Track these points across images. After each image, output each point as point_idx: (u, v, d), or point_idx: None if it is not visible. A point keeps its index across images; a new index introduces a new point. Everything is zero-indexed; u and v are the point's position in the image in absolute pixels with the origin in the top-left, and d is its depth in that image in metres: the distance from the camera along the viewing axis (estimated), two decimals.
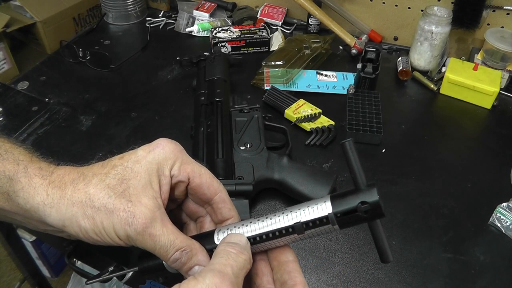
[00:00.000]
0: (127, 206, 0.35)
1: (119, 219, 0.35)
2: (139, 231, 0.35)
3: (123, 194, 0.36)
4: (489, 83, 0.87)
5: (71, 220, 0.36)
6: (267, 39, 1.04)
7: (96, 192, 0.36)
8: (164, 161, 0.38)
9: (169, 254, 0.37)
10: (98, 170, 0.38)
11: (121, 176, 0.37)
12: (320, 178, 0.66)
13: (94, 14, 1.13)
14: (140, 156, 0.38)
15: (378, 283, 0.58)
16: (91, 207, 0.35)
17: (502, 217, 0.65)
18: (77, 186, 0.36)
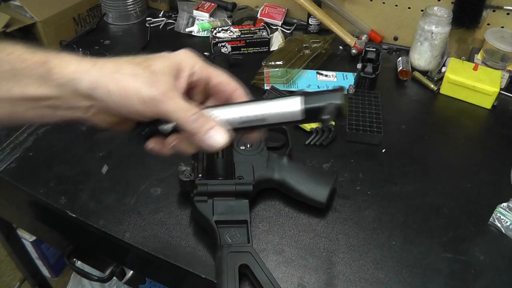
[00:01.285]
0: (152, 74, 0.39)
1: (144, 81, 0.39)
2: (162, 92, 0.39)
3: (148, 68, 0.40)
4: (489, 83, 0.87)
5: (99, 83, 0.38)
6: (267, 39, 1.04)
7: (124, 64, 0.40)
8: (186, 59, 0.43)
9: (189, 114, 0.40)
10: (130, 58, 0.41)
11: (147, 59, 0.41)
12: (320, 178, 0.66)
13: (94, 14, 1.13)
14: (164, 53, 0.42)
15: (378, 283, 0.58)
16: (119, 72, 0.39)
17: (502, 217, 0.65)
18: (107, 61, 0.40)
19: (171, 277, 0.68)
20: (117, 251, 0.70)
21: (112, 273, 0.78)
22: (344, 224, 0.65)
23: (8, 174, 0.71)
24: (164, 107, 0.39)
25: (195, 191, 0.61)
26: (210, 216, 0.60)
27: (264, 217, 0.66)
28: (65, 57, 0.40)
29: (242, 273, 0.56)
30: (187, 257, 0.60)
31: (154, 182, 0.70)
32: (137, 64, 0.40)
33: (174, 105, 0.39)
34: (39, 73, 0.39)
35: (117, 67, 0.39)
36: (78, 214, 0.65)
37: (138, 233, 0.63)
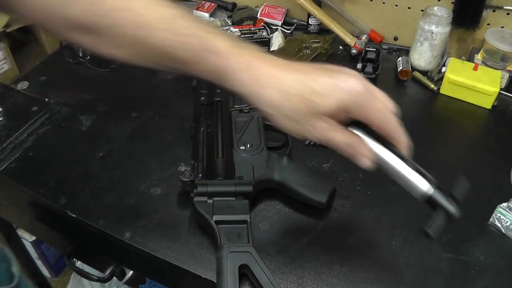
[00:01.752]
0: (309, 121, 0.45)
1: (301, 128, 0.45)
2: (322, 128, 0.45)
3: (306, 114, 0.44)
4: (489, 83, 0.87)
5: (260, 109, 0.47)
6: (267, 39, 1.04)
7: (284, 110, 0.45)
8: (345, 100, 0.44)
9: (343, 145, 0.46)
10: (292, 84, 0.44)
11: (307, 100, 0.44)
12: (320, 178, 0.67)
13: None
14: (327, 86, 0.44)
15: (378, 283, 0.58)
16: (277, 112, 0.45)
17: (502, 217, 0.65)
18: (271, 95, 0.45)
19: (171, 277, 0.68)
20: (117, 251, 0.70)
21: (112, 273, 0.78)
22: (344, 224, 0.65)
23: (8, 174, 0.71)
24: (328, 140, 0.46)
25: (195, 191, 0.61)
26: (210, 216, 0.60)
27: (264, 217, 0.66)
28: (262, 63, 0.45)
29: (242, 273, 0.56)
30: (187, 257, 0.60)
31: (154, 182, 0.70)
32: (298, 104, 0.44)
33: (334, 136, 0.45)
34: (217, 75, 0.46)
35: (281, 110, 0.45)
36: (78, 214, 0.65)
37: (138, 233, 0.63)
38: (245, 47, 0.46)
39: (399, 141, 0.48)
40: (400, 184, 0.49)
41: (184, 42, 0.44)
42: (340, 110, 0.44)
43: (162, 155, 0.75)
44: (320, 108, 0.43)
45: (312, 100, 0.43)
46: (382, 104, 0.47)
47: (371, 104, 0.45)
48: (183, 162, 0.65)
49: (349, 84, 0.44)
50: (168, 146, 0.77)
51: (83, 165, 0.73)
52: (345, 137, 0.45)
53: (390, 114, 0.48)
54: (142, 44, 0.45)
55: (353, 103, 0.44)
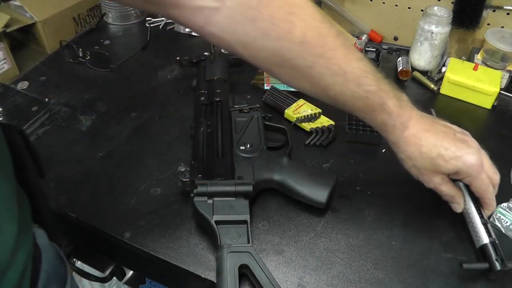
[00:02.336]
0: (428, 177, 0.60)
1: (422, 177, 0.61)
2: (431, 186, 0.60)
3: (430, 171, 0.59)
4: (489, 83, 0.87)
5: (401, 159, 0.61)
6: None
7: (418, 163, 0.59)
8: (461, 170, 0.58)
9: (448, 195, 0.62)
10: (429, 148, 0.57)
11: (435, 164, 0.58)
12: (320, 178, 0.66)
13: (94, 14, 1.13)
14: (453, 157, 0.57)
15: (378, 283, 0.58)
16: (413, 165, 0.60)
17: (502, 217, 0.65)
18: (411, 152, 0.59)
19: (171, 277, 0.68)
20: (117, 251, 0.70)
21: (112, 273, 0.78)
22: (344, 224, 0.65)
23: None
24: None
25: (195, 191, 0.61)
26: (210, 216, 0.60)
27: (264, 217, 0.66)
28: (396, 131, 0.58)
29: (242, 273, 0.56)
30: (187, 257, 0.60)
31: (154, 182, 0.70)
32: (427, 164, 0.58)
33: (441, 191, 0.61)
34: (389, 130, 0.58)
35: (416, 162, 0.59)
36: (78, 214, 0.65)
37: (138, 233, 0.63)
38: (405, 107, 0.57)
39: (488, 205, 0.62)
40: (469, 228, 0.63)
41: (366, 97, 0.54)
42: (454, 173, 0.58)
43: (162, 155, 0.75)
44: (441, 169, 0.57)
45: (438, 164, 0.57)
46: (487, 179, 0.59)
47: (479, 176, 0.58)
48: (183, 162, 0.65)
49: (468, 158, 0.57)
50: (168, 146, 0.77)
51: (83, 165, 0.73)
52: (450, 189, 0.60)
53: (490, 187, 0.60)
54: (331, 90, 0.53)
55: (466, 173, 0.57)
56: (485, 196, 0.61)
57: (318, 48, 0.50)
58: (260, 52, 0.49)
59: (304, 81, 0.53)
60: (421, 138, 0.56)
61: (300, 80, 0.53)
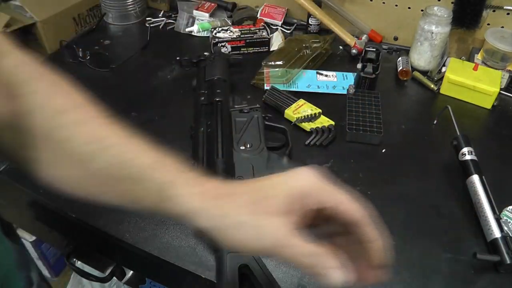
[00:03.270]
0: (261, 225, 0.37)
1: (252, 236, 0.37)
2: (271, 245, 0.37)
3: (260, 215, 0.38)
4: (489, 83, 0.87)
5: (212, 230, 0.38)
6: (267, 39, 1.04)
7: (242, 211, 0.38)
8: (310, 193, 0.39)
9: (305, 260, 0.37)
10: (245, 190, 0.40)
11: (264, 197, 0.38)
12: None
13: (94, 14, 1.13)
14: (285, 179, 0.40)
15: (378, 283, 0.58)
16: (234, 224, 0.37)
17: (509, 220, 0.64)
18: (227, 201, 0.38)
19: (171, 277, 0.68)
20: (117, 251, 0.70)
21: (112, 273, 0.78)
22: None
23: (8, 174, 0.71)
24: (276, 256, 0.38)
25: None
26: None
27: None
28: (190, 188, 0.40)
29: (242, 273, 0.56)
30: (187, 257, 0.60)
31: None
32: (250, 207, 0.38)
33: (286, 253, 0.37)
34: (161, 194, 0.40)
35: (236, 217, 0.38)
36: (78, 214, 0.65)
37: (138, 233, 0.63)
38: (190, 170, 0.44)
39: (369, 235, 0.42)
40: (481, 222, 0.64)
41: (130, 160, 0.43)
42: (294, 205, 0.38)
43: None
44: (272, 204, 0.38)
45: (261, 199, 0.39)
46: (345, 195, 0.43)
47: (330, 191, 0.42)
48: None
49: (303, 175, 0.41)
50: (168, 146, 0.77)
51: None
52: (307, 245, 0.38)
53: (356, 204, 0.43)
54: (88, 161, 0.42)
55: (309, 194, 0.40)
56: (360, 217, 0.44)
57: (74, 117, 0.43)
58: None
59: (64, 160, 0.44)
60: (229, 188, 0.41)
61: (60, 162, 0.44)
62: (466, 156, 0.70)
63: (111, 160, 0.42)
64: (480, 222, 0.64)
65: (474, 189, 0.66)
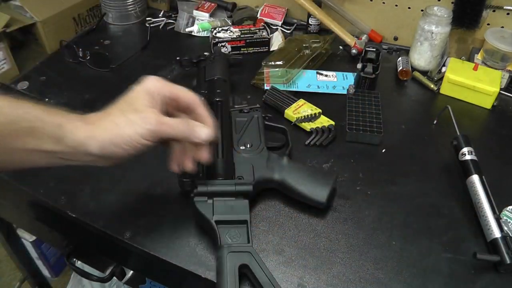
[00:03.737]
0: (140, 116, 0.50)
1: (139, 125, 0.49)
2: (156, 123, 0.50)
3: (135, 111, 0.51)
4: (489, 83, 0.87)
5: (104, 143, 0.49)
6: (267, 39, 1.04)
7: (118, 120, 0.50)
8: (155, 86, 0.54)
9: (180, 127, 0.52)
10: (115, 107, 0.52)
11: (129, 103, 0.52)
12: (320, 178, 0.66)
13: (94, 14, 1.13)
14: (136, 88, 0.54)
15: (378, 283, 0.58)
16: (116, 127, 0.49)
17: (509, 220, 0.64)
18: (106, 119, 0.50)
19: (171, 277, 0.68)
20: (117, 251, 0.70)
21: (112, 273, 0.78)
22: (344, 224, 0.65)
23: (8, 174, 0.71)
24: (163, 132, 0.51)
25: (195, 191, 0.61)
26: (210, 216, 0.60)
27: (264, 217, 0.66)
28: (76, 122, 0.49)
29: (242, 273, 0.56)
30: (187, 257, 0.60)
31: (154, 182, 0.70)
32: (126, 111, 0.51)
33: (170, 128, 0.51)
34: (56, 134, 0.48)
35: (114, 124, 0.50)
36: (78, 214, 0.65)
37: (138, 233, 0.63)
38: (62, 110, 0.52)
39: (203, 116, 0.56)
40: (481, 222, 0.64)
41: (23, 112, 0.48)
42: (153, 99, 0.53)
43: (162, 155, 0.75)
44: (140, 103, 0.52)
45: (130, 103, 0.53)
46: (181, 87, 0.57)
47: (170, 85, 0.56)
48: None
49: (146, 80, 0.55)
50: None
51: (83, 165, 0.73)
52: (175, 119, 0.53)
53: (191, 93, 0.57)
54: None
55: (158, 87, 0.54)
56: (194, 100, 0.57)
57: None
58: None
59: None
60: (102, 112, 0.53)
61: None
62: (466, 156, 0.70)
63: (3, 119, 0.46)
64: (480, 222, 0.64)
65: (474, 189, 0.66)
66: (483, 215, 0.63)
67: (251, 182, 0.64)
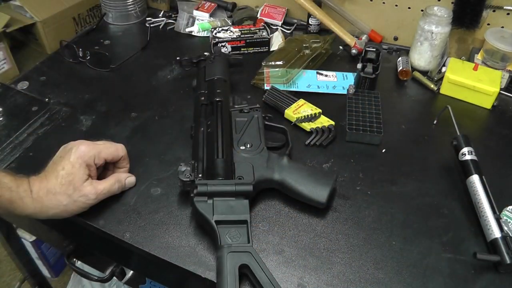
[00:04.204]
0: (81, 195, 0.61)
1: (83, 202, 0.62)
2: (96, 197, 0.63)
3: (76, 190, 0.61)
4: (489, 83, 0.87)
5: (53, 216, 0.61)
6: (267, 39, 1.04)
7: (64, 201, 0.60)
8: (88, 157, 0.62)
9: (115, 188, 0.66)
10: (54, 182, 0.60)
11: (67, 180, 0.60)
12: (320, 178, 0.66)
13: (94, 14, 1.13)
14: (73, 161, 0.61)
15: (378, 283, 0.58)
16: (63, 206, 0.60)
17: (509, 220, 0.64)
18: (52, 198, 0.59)
19: (171, 277, 0.68)
20: (117, 251, 0.70)
21: (112, 273, 0.78)
22: (344, 224, 0.65)
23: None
24: (102, 198, 0.64)
25: (195, 191, 0.61)
26: (210, 216, 0.60)
27: (264, 217, 0.66)
28: (25, 199, 0.58)
29: (242, 273, 0.56)
30: (187, 257, 0.60)
31: (154, 182, 0.70)
32: (67, 191, 0.60)
33: (106, 193, 0.64)
34: (7, 207, 0.57)
35: (62, 203, 0.60)
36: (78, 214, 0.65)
37: (138, 233, 0.63)
38: (21, 178, 0.60)
39: (127, 161, 0.70)
40: (481, 222, 0.64)
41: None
42: (87, 167, 0.62)
43: (162, 155, 0.75)
44: (77, 178, 0.61)
45: (70, 180, 0.61)
46: (106, 144, 0.67)
47: (98, 150, 0.64)
48: (183, 162, 0.65)
49: (77, 150, 0.62)
50: (168, 146, 0.77)
51: None
52: (105, 184, 0.65)
53: (114, 146, 0.67)
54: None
55: (89, 157, 0.63)
56: (117, 155, 0.67)
57: None
58: None
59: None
60: (45, 186, 0.59)
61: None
62: (466, 156, 0.70)
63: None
64: (480, 222, 0.64)
65: (474, 189, 0.66)
66: (483, 215, 0.63)
67: (251, 182, 0.64)
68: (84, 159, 0.61)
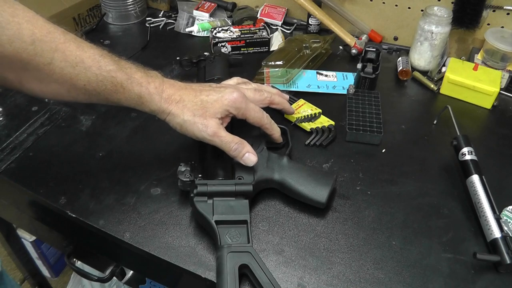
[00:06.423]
0: (203, 123, 0.61)
1: (199, 129, 0.61)
2: (211, 134, 0.61)
3: (202, 116, 0.61)
4: (489, 83, 0.87)
5: (174, 125, 0.63)
6: (267, 39, 1.04)
7: (187, 117, 0.61)
8: (235, 106, 0.63)
9: (231, 145, 0.62)
10: (191, 99, 0.62)
11: (203, 106, 0.62)
12: (320, 178, 0.66)
13: (94, 14, 1.13)
14: (222, 98, 0.62)
15: (378, 283, 0.58)
16: (183, 122, 0.62)
17: (509, 220, 0.64)
18: (177, 108, 0.61)
19: (171, 277, 0.68)
20: (117, 251, 0.70)
21: (112, 273, 0.78)
22: (344, 224, 0.66)
23: (8, 174, 0.71)
24: (213, 143, 0.62)
25: (195, 191, 0.61)
26: (210, 216, 0.60)
27: (264, 217, 0.66)
28: (153, 96, 0.60)
29: (242, 273, 0.56)
30: (187, 257, 0.60)
31: (154, 182, 0.70)
32: (196, 112, 0.61)
33: (220, 141, 0.62)
34: (136, 102, 0.61)
35: (183, 118, 0.61)
36: (78, 214, 0.65)
37: (138, 233, 0.63)
38: (154, 76, 0.62)
39: (270, 129, 0.69)
40: (481, 222, 0.64)
41: (112, 76, 0.58)
42: (225, 113, 0.63)
43: (162, 155, 0.75)
44: (211, 111, 0.61)
45: (206, 107, 0.61)
46: (256, 107, 0.65)
47: (247, 106, 0.64)
48: (183, 162, 0.65)
49: (229, 95, 0.62)
50: (168, 146, 0.77)
51: (83, 165, 0.73)
52: (229, 136, 0.63)
53: (262, 113, 0.66)
54: (78, 81, 0.56)
55: (235, 108, 0.63)
56: (263, 122, 0.66)
57: (50, 44, 0.53)
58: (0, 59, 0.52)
59: (51, 81, 0.55)
60: (181, 95, 0.61)
61: (48, 81, 0.56)
62: (466, 156, 0.70)
63: (92, 77, 0.56)
64: (480, 222, 0.64)
65: (474, 189, 0.66)
66: (483, 215, 0.63)
67: (251, 182, 0.64)
68: (229, 106, 0.62)
